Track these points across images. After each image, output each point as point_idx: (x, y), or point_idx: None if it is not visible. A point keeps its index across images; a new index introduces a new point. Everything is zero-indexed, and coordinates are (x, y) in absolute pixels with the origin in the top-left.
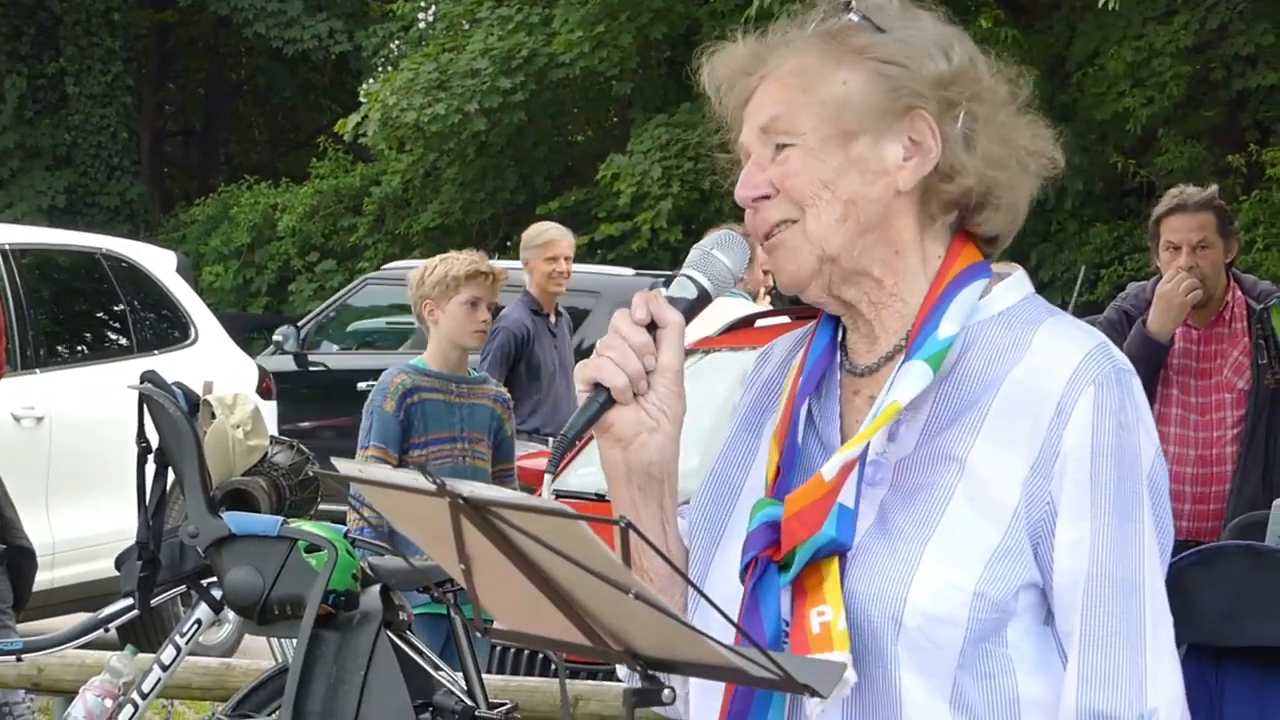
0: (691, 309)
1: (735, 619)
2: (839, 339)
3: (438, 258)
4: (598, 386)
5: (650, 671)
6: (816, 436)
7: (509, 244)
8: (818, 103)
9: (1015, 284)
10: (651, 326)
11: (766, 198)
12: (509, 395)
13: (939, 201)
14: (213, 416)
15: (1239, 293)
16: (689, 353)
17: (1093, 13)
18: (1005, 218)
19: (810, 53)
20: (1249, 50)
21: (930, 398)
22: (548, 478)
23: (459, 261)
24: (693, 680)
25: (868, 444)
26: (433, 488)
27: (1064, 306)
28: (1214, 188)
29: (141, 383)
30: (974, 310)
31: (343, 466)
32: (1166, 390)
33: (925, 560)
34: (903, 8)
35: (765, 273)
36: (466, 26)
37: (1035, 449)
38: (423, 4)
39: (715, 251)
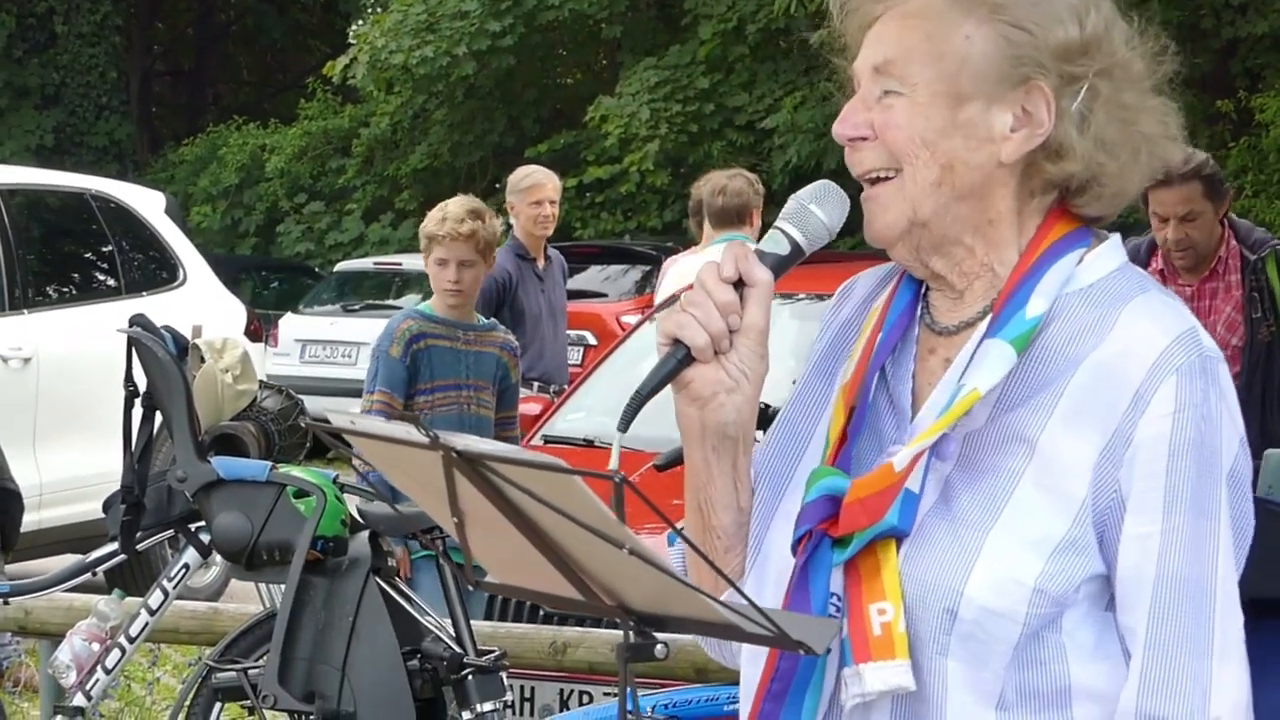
0: (783, 265)
1: (784, 590)
2: (922, 292)
3: (437, 207)
4: (677, 342)
5: (644, 627)
6: (887, 394)
7: (497, 186)
8: (936, 55)
9: (1109, 251)
10: (739, 284)
11: (864, 139)
12: (517, 344)
13: (1040, 179)
14: (201, 360)
15: (1234, 242)
16: (675, 299)
17: None
18: (1110, 204)
19: None
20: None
21: (1007, 376)
22: (618, 435)
23: (433, 219)
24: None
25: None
26: (426, 440)
27: None
28: (1202, 155)
29: (130, 326)
30: (1067, 281)
31: (335, 418)
32: None
33: (987, 550)
34: None
35: None
36: None
37: (1108, 435)
38: None
39: (812, 206)
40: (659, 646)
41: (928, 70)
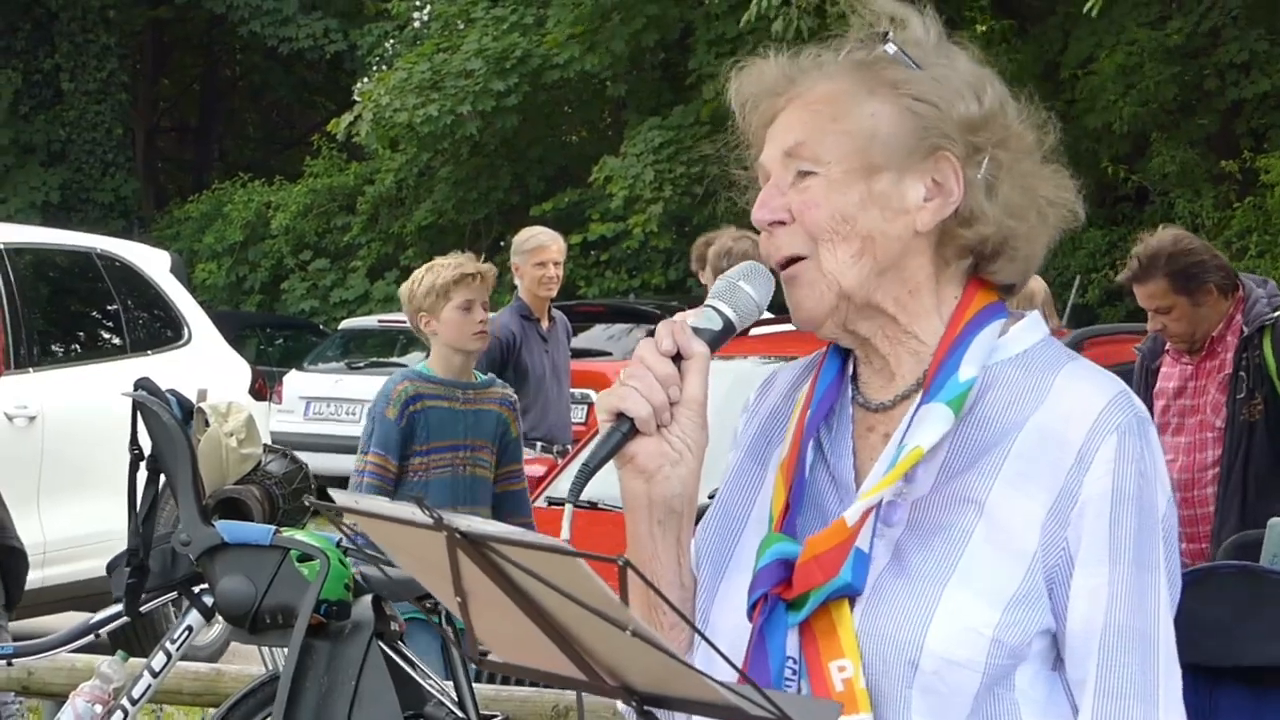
0: (716, 340)
1: (741, 655)
2: (850, 372)
3: (423, 268)
4: (620, 416)
5: (646, 707)
6: (827, 471)
7: (502, 244)
8: (845, 133)
9: (1032, 324)
10: (677, 357)
11: (782, 223)
12: (515, 397)
13: (955, 246)
14: (206, 424)
15: (1238, 318)
16: None
17: (1086, 19)
18: (1020, 268)
19: (842, 80)
20: (1243, 58)
21: (949, 439)
22: (568, 508)
23: (445, 268)
24: None
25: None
26: (430, 521)
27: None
28: (1169, 244)
29: (135, 390)
30: (993, 350)
31: (339, 497)
32: (1162, 432)
33: (944, 602)
34: (939, 44)
35: None
36: (461, 26)
37: (1053, 494)
38: (417, 3)
39: (741, 283)
40: None
41: (839, 148)
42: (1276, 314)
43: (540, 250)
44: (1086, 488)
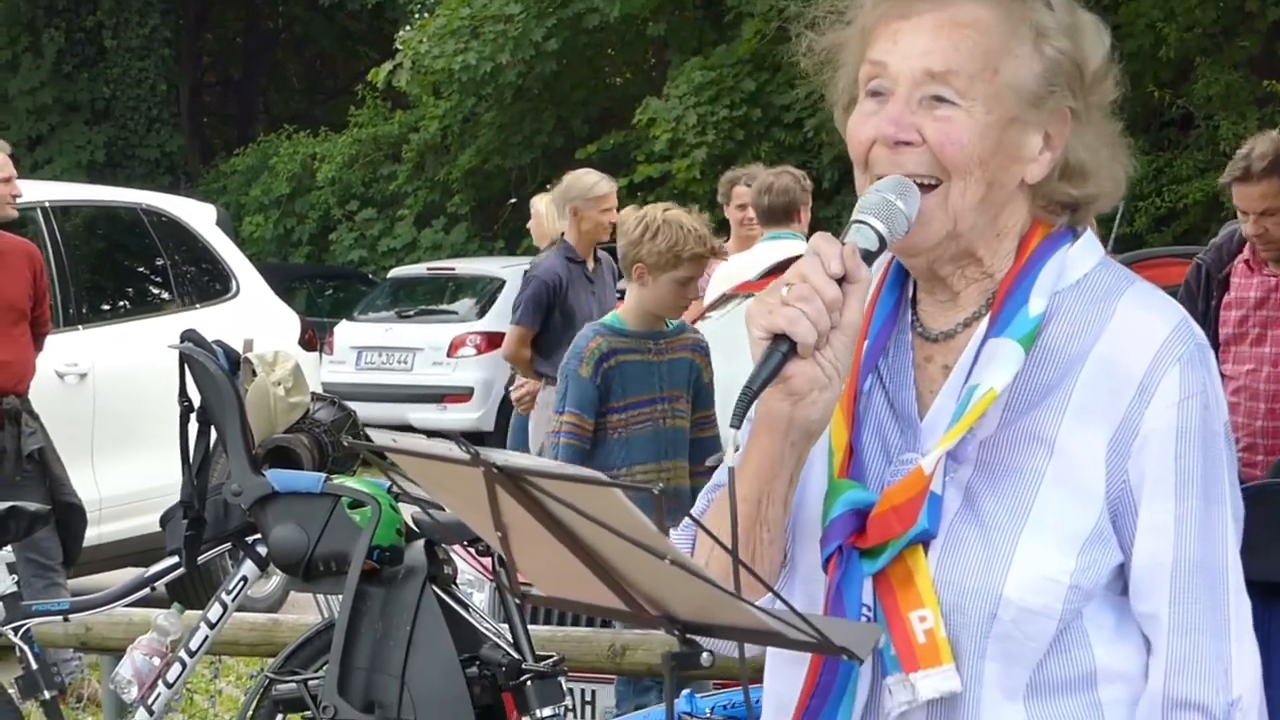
0: (870, 259)
1: (819, 595)
2: (909, 297)
3: (661, 215)
4: (779, 337)
5: (689, 635)
6: (887, 401)
7: (547, 187)
8: (995, 76)
9: (1088, 245)
10: (840, 280)
11: (909, 144)
12: (706, 342)
13: (1054, 201)
14: (254, 374)
15: None
16: (729, 297)
17: None
18: (1088, 216)
19: (993, 9)
20: None
21: (1017, 375)
22: (733, 432)
23: (688, 236)
24: (771, 655)
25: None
26: (467, 457)
27: (1103, 240)
28: (1268, 147)
29: (182, 342)
30: (1059, 278)
31: (377, 436)
32: (1240, 345)
33: (1020, 552)
34: None
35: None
36: None
37: (1114, 425)
38: None
39: (897, 200)
40: (705, 655)
41: (989, 91)
42: None
43: (607, 197)
44: (1148, 421)
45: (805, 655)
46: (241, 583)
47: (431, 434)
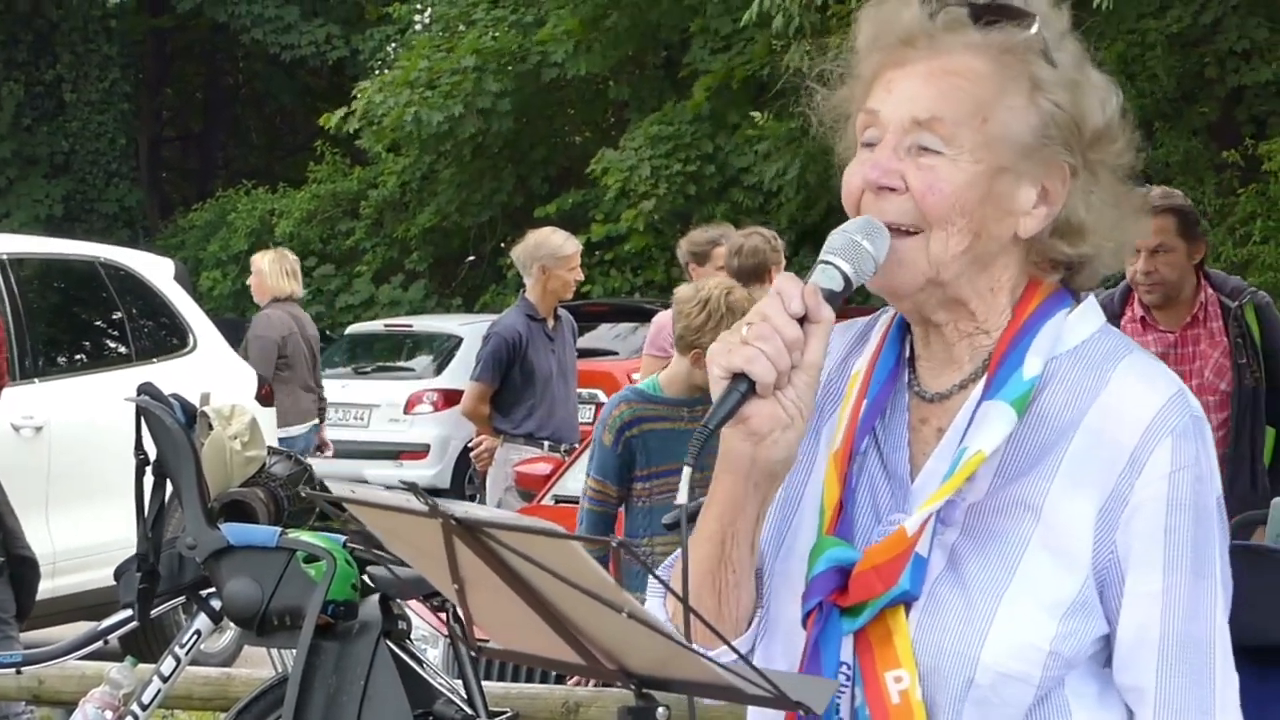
0: (834, 300)
1: (797, 648)
2: (906, 354)
3: (724, 301)
4: (738, 376)
5: (645, 689)
6: (881, 461)
7: (503, 245)
8: (985, 126)
9: (1089, 312)
10: (802, 320)
11: (893, 190)
12: None
13: (1048, 260)
14: (210, 428)
15: (1210, 291)
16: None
17: (1088, 10)
18: (1092, 278)
19: (986, 60)
20: (1243, 46)
21: (1008, 439)
22: (687, 470)
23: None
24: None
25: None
26: (425, 509)
27: None
28: (1179, 194)
29: (138, 395)
30: (1056, 342)
31: (335, 487)
32: None
33: (1001, 616)
34: (1078, 51)
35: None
36: (462, 29)
37: (1104, 495)
38: (419, 6)
39: (862, 240)
40: (660, 709)
41: (976, 139)
42: (1258, 291)
43: (573, 257)
44: (1139, 492)
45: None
46: (195, 636)
47: (389, 488)
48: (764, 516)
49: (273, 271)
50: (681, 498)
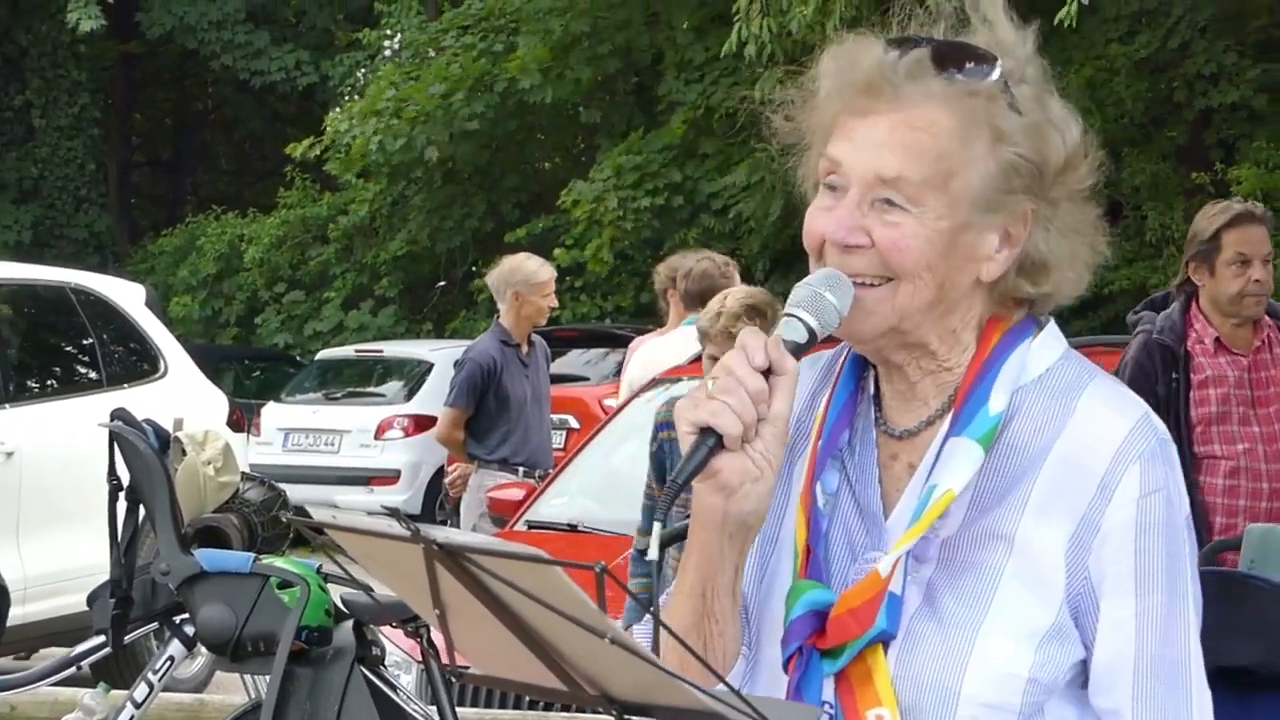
0: (799, 351)
1: (781, 688)
2: (870, 390)
3: (739, 298)
4: (706, 430)
5: (626, 716)
6: (854, 500)
7: (474, 270)
8: (952, 183)
9: (1051, 338)
10: (766, 372)
11: (859, 247)
12: None
13: (1004, 294)
14: (183, 453)
15: (1267, 317)
16: (656, 382)
17: (1057, 35)
18: (1054, 305)
19: (950, 112)
20: (1211, 69)
21: (978, 474)
22: (657, 525)
23: (708, 312)
24: None
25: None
26: (407, 534)
27: None
28: (1251, 202)
29: (111, 420)
30: (1021, 372)
31: (316, 512)
32: (1225, 425)
33: (978, 647)
34: (1039, 79)
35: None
36: (432, 55)
37: (1075, 521)
38: (389, 33)
39: (826, 293)
40: None
41: (941, 196)
42: None
43: (548, 283)
44: (1109, 517)
45: None
46: (168, 662)
47: (370, 514)
48: (743, 567)
49: None
50: (653, 554)
